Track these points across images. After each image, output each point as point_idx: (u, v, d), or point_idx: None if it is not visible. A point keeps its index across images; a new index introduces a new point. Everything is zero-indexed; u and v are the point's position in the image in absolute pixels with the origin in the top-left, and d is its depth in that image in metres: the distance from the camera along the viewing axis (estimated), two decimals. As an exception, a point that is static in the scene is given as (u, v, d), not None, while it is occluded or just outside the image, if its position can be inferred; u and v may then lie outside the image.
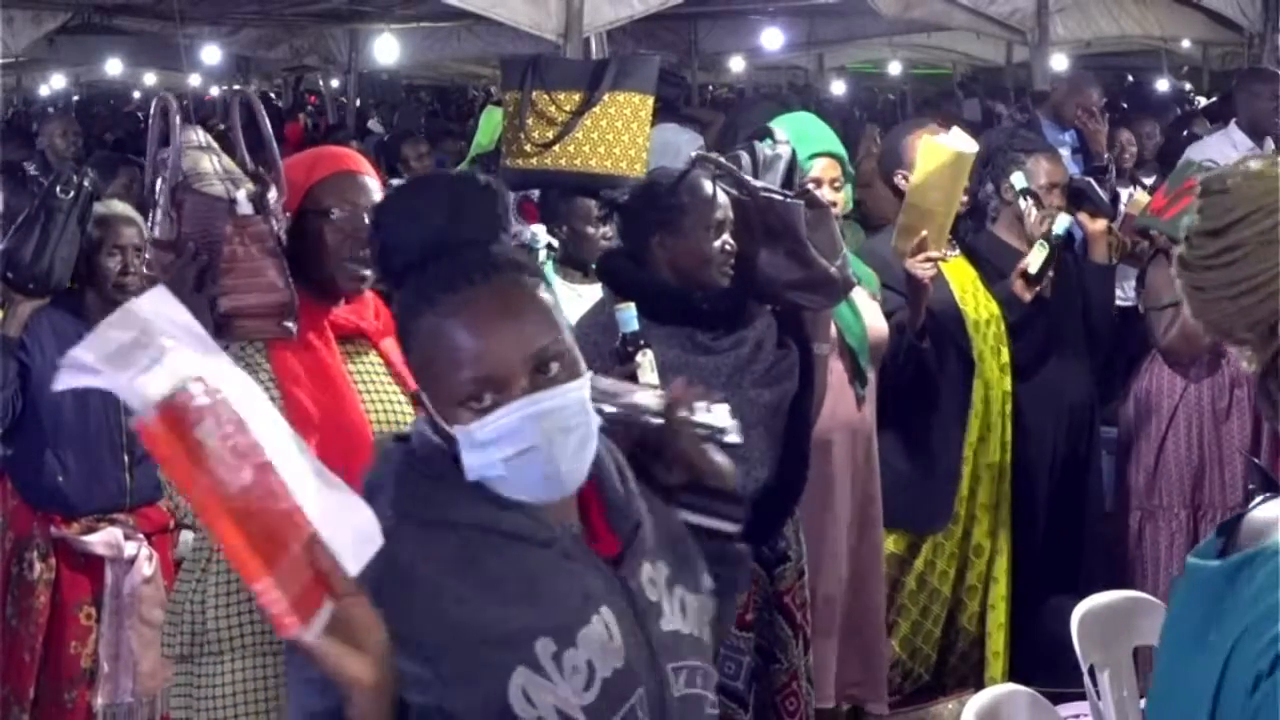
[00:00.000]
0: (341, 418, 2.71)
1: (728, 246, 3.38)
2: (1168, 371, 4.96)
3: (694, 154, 3.64)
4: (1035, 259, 4.63)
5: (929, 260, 4.35)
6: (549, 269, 4.41)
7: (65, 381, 1.37)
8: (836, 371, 4.13)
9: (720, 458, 1.90)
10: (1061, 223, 4.65)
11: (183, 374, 1.40)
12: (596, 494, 1.80)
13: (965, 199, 4.69)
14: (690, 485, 1.90)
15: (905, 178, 4.58)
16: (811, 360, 3.69)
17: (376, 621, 1.49)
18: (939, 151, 4.46)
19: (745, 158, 3.76)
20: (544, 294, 1.74)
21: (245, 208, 2.71)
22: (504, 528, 1.71)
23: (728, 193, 3.45)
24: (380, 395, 2.84)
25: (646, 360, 3.08)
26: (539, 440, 1.67)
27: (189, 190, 2.75)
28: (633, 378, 3.03)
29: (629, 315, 3.13)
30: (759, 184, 3.58)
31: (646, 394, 1.92)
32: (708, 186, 3.40)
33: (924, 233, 4.35)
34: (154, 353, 1.40)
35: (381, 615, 1.54)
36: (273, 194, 2.76)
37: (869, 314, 4.24)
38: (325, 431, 2.67)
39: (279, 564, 1.41)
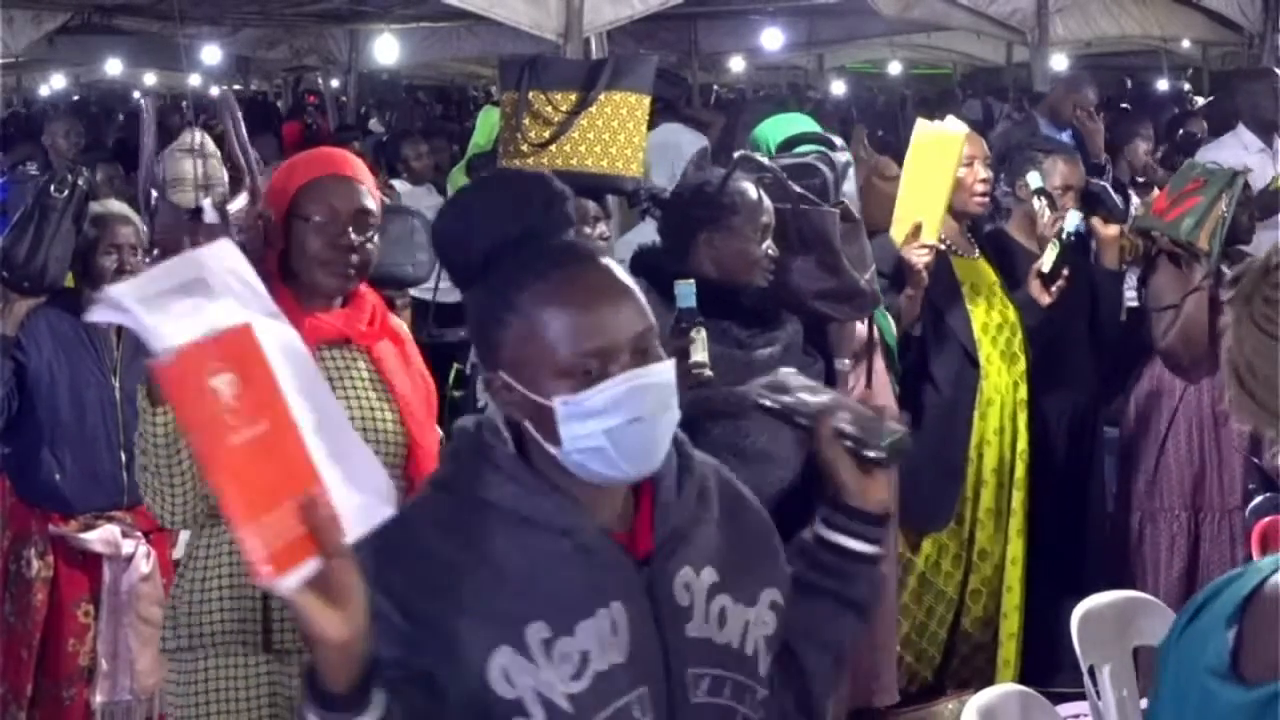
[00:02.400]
0: None
1: (771, 250, 3.41)
2: (1168, 373, 4.94)
3: (737, 155, 3.63)
4: (1048, 258, 4.63)
5: (924, 248, 4.35)
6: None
7: (98, 315, 1.47)
8: (880, 372, 4.14)
9: (866, 477, 1.90)
10: (1072, 220, 4.64)
11: (215, 323, 1.47)
12: (651, 491, 1.84)
13: (983, 195, 4.70)
14: (831, 498, 1.93)
15: None
16: (834, 373, 3.70)
17: (358, 586, 1.51)
18: (928, 135, 4.49)
19: (826, 170, 3.76)
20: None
21: (211, 216, 2.72)
22: (523, 511, 1.76)
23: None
24: (361, 404, 2.83)
25: (700, 338, 3.10)
26: (645, 411, 1.73)
27: (162, 198, 2.80)
28: (684, 352, 3.06)
29: (688, 291, 3.14)
30: (797, 190, 3.59)
31: (811, 396, 1.94)
32: (755, 190, 3.42)
33: (918, 220, 4.36)
34: (197, 300, 1.49)
35: (380, 570, 1.64)
36: (240, 200, 2.77)
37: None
38: None
39: (268, 515, 1.46)
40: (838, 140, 4.01)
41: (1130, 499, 5.02)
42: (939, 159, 4.48)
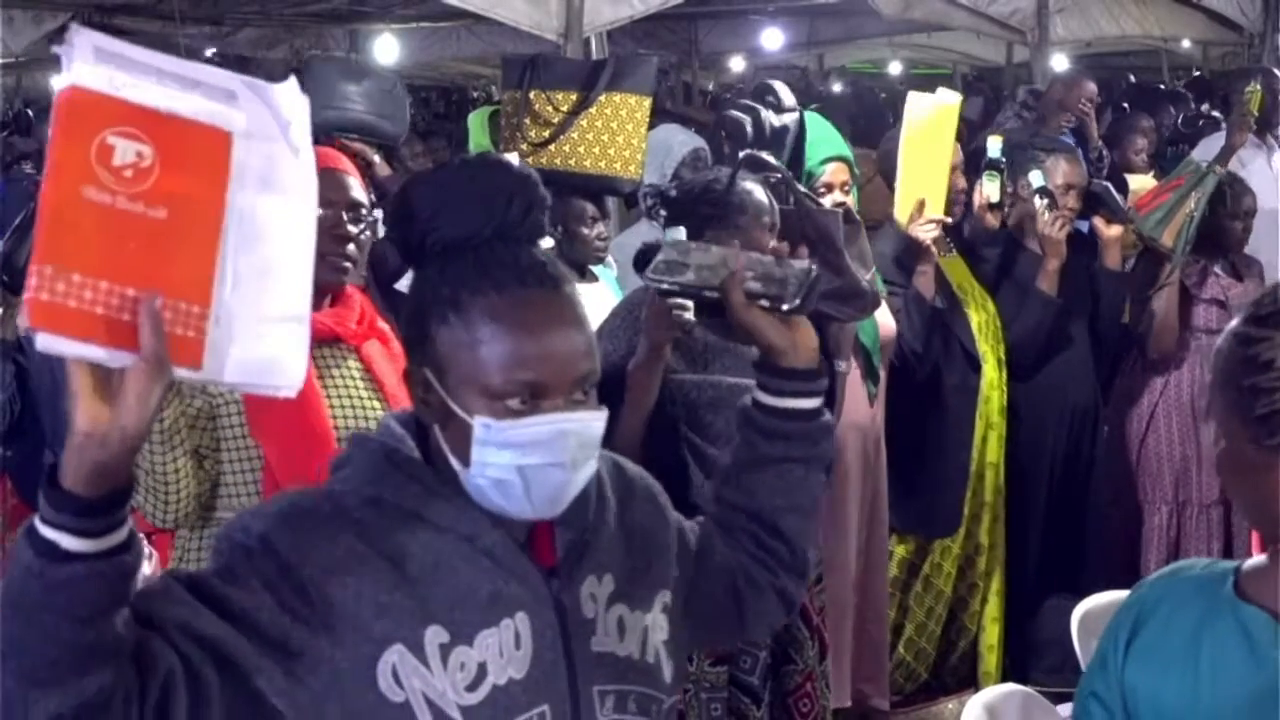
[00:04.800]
0: (303, 421, 2.69)
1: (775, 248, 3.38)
2: (1150, 369, 4.97)
3: (742, 154, 3.62)
4: (991, 189, 4.67)
5: (930, 223, 4.34)
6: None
7: (58, 48, 1.44)
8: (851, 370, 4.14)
9: (791, 330, 1.86)
10: (994, 146, 4.67)
11: (171, 107, 1.44)
12: None
13: (962, 188, 4.71)
14: (764, 364, 1.88)
15: None
16: (833, 374, 3.69)
17: (143, 401, 1.44)
18: (922, 108, 4.47)
19: (748, 125, 3.71)
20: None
21: None
22: (425, 513, 1.67)
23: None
24: (354, 403, 2.82)
25: None
26: (566, 457, 1.64)
27: None
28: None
29: (678, 236, 3.14)
30: (802, 190, 3.59)
31: (707, 261, 1.87)
32: (762, 190, 3.40)
33: (921, 197, 4.35)
34: (185, 95, 1.46)
35: (274, 531, 1.61)
36: None
37: (880, 312, 4.25)
38: (286, 434, 2.67)
39: (80, 274, 1.41)
40: (786, 99, 3.96)
41: (1116, 493, 5.04)
42: (936, 131, 4.43)
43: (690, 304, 3.03)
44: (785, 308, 1.82)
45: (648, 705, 1.76)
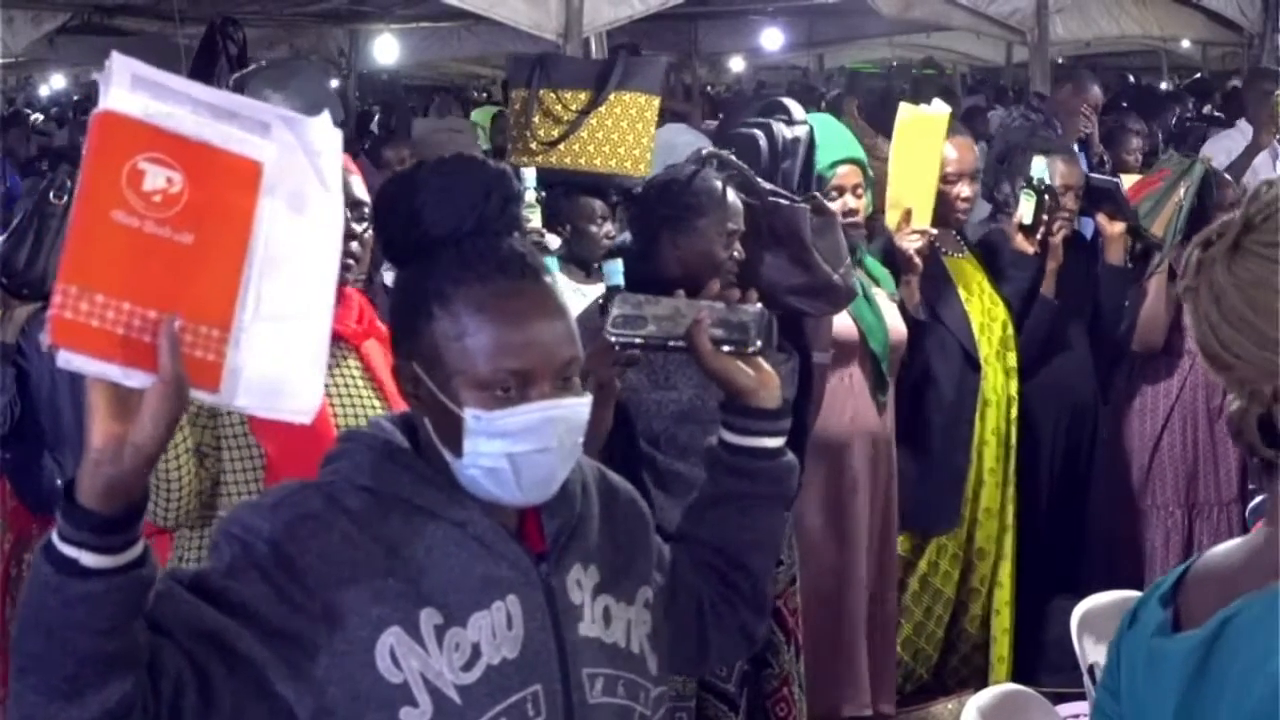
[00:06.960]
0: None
1: (736, 253, 3.35)
2: (1163, 371, 4.94)
3: (704, 151, 3.58)
4: (1025, 209, 4.64)
5: (915, 233, 4.33)
6: (554, 267, 4.41)
7: (108, 65, 1.48)
8: (856, 377, 4.11)
9: (756, 371, 1.95)
10: (1038, 166, 4.65)
11: (205, 137, 1.49)
12: None
13: (965, 211, 4.69)
14: (732, 406, 1.96)
15: None
16: (810, 367, 3.67)
17: (158, 422, 1.47)
18: (912, 118, 4.48)
19: (762, 139, 3.69)
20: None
21: None
22: (417, 501, 1.73)
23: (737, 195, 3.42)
24: (355, 401, 2.82)
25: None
26: (555, 443, 1.70)
27: None
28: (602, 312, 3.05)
29: (615, 269, 3.13)
30: (768, 187, 3.56)
31: (666, 320, 1.96)
32: (721, 190, 3.35)
33: (909, 207, 4.35)
34: (222, 125, 1.50)
35: (281, 535, 1.65)
36: None
37: (889, 316, 4.23)
38: (287, 432, 2.66)
39: (101, 294, 1.45)
40: (797, 113, 3.94)
41: (1123, 497, 5.02)
42: (924, 142, 4.44)
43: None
44: (751, 350, 1.92)
45: (635, 691, 1.81)
